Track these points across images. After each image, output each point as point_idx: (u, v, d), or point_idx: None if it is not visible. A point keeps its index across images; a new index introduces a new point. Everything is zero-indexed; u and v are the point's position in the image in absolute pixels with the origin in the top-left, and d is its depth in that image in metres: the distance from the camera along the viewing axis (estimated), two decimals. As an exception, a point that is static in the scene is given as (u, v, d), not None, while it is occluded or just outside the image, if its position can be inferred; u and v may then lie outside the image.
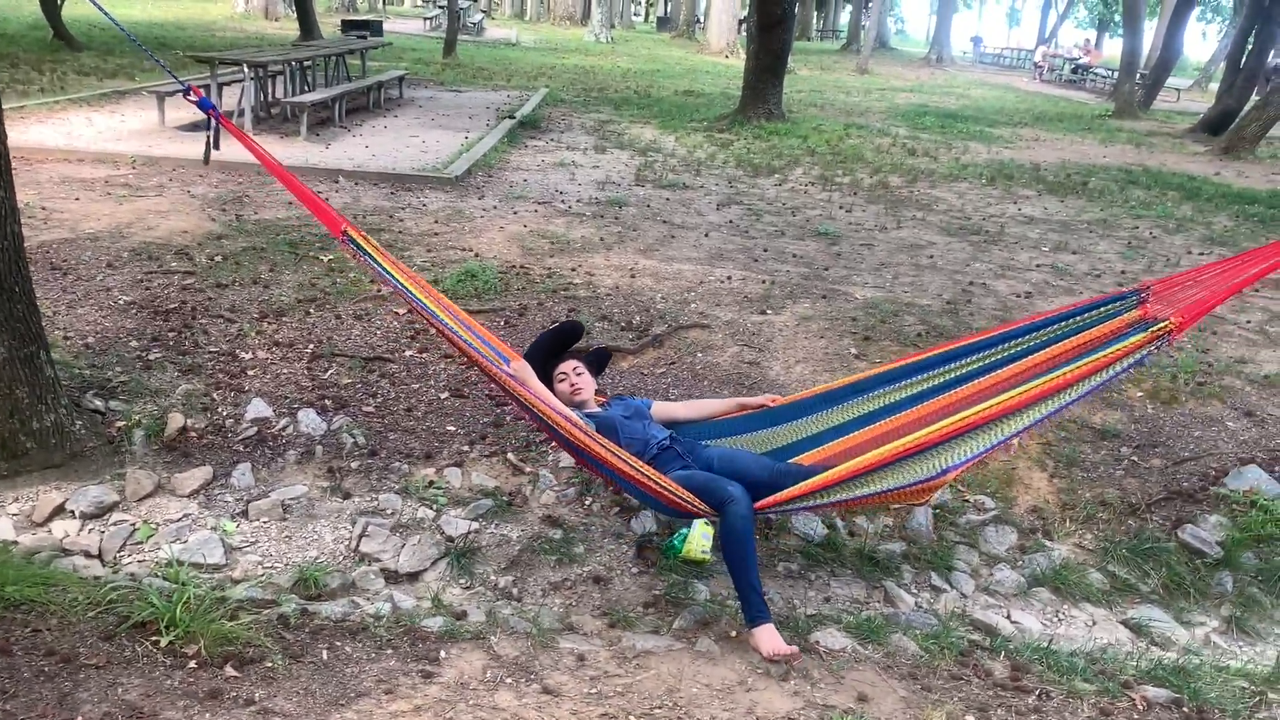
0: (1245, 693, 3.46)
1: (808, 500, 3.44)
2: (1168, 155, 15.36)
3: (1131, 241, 8.97)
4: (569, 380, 4.03)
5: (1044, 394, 3.31)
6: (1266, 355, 6.15)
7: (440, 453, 4.80)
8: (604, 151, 11.60)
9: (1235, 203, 11.23)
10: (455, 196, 8.54)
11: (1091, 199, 10.96)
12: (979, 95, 25.09)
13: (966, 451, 3.32)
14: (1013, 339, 3.67)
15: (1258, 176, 13.70)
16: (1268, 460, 5.01)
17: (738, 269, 7.13)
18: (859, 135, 14.74)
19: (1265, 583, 4.34)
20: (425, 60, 20.82)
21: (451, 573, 4.05)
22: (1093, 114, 21.47)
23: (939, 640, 3.58)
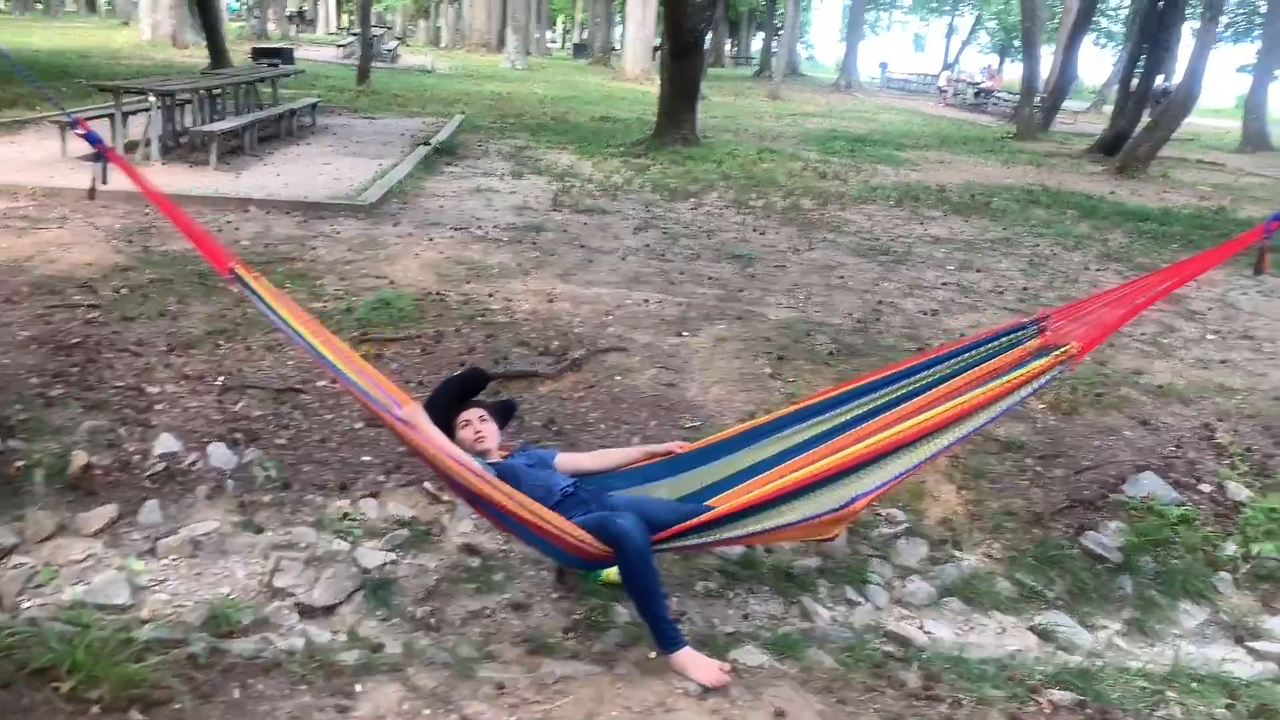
0: (1145, 692, 3.60)
1: (709, 533, 3.38)
2: (1066, 175, 15.93)
3: (1032, 259, 9.28)
4: (473, 427, 3.88)
5: (951, 419, 3.37)
6: (1160, 366, 6.42)
7: (355, 484, 4.74)
8: (521, 177, 11.62)
9: (1130, 220, 11.70)
10: (369, 224, 8.48)
11: (994, 219, 11.32)
12: (887, 119, 25.73)
13: (873, 481, 3.34)
14: (917, 372, 3.69)
15: (1150, 194, 14.30)
16: (1162, 467, 5.22)
17: (655, 292, 7.21)
18: (772, 159, 15.00)
19: (1163, 585, 4.51)
20: (339, 88, 20.63)
21: (368, 605, 4.00)
22: (995, 136, 22.17)
23: (854, 653, 3.66)
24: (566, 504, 3.64)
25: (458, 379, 4.13)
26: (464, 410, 3.95)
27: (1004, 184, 14.22)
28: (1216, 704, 3.55)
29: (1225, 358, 6.69)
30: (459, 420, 3.91)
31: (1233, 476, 5.14)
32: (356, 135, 13.95)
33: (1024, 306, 7.53)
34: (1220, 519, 4.89)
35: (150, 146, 10.43)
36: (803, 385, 5.76)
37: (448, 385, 4.08)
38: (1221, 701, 3.58)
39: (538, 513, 3.37)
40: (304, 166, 11.01)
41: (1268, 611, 4.44)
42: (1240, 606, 4.46)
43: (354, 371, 3.83)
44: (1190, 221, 11.87)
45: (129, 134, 10.74)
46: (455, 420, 3.91)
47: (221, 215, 8.32)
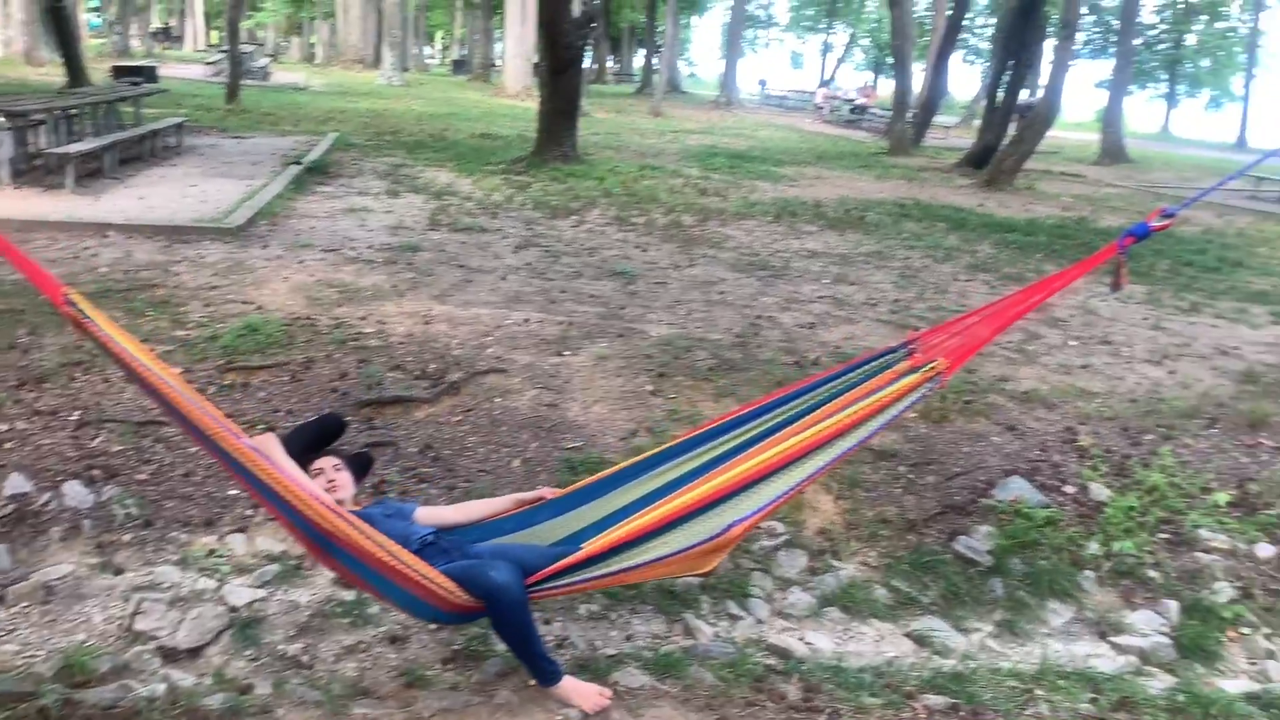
0: (1016, 691, 3.70)
1: (584, 570, 3.23)
2: (937, 189, 16.48)
3: (904, 271, 9.55)
4: (326, 475, 3.53)
5: (825, 439, 3.34)
6: (1026, 373, 6.66)
7: (222, 519, 4.56)
8: (397, 196, 11.42)
9: (997, 231, 12.15)
10: (236, 247, 8.20)
11: (868, 232, 11.62)
12: (766, 136, 26.23)
13: (751, 505, 3.28)
14: (790, 400, 3.66)
15: (1016, 206, 14.89)
16: (1029, 470, 5.41)
17: (535, 311, 7.15)
18: (653, 176, 15.10)
19: (1031, 586, 4.67)
20: (207, 107, 19.98)
21: (236, 645, 3.85)
22: (869, 152, 22.80)
23: (735, 668, 3.66)
24: (426, 553, 3.32)
25: (314, 424, 3.83)
26: (317, 458, 3.60)
27: (878, 198, 14.62)
28: (1081, 699, 3.67)
29: (1086, 363, 6.98)
30: (311, 469, 3.53)
31: (1094, 477, 5.36)
32: (225, 155, 13.52)
33: (896, 318, 7.73)
34: (1083, 519, 5.09)
35: (2, 169, 9.90)
36: (683, 401, 5.79)
37: (302, 430, 3.76)
38: (1086, 696, 3.71)
39: (396, 554, 3.07)
40: (168, 189, 10.59)
41: (1128, 607, 4.63)
42: (1103, 603, 4.65)
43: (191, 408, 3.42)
44: (1054, 232, 12.39)
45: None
46: (307, 469, 3.52)
47: (78, 241, 7.94)
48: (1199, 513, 5.19)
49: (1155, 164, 25.24)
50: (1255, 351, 7.57)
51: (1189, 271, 10.54)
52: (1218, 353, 7.48)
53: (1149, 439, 5.81)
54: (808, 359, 6.52)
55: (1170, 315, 8.54)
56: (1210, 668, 4.33)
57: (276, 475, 3.08)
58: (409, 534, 3.42)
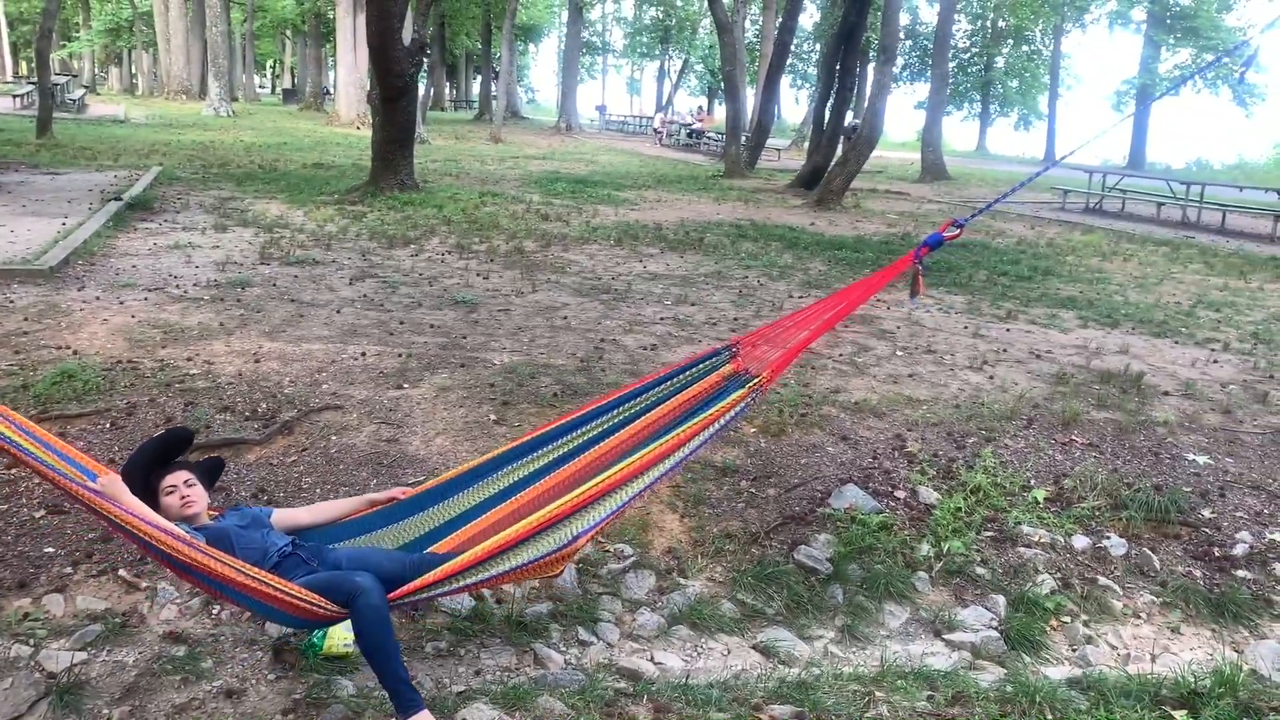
0: (857, 695, 3.82)
1: (443, 586, 3.35)
2: (772, 210, 16.98)
3: (742, 290, 9.79)
4: (179, 492, 3.62)
5: (661, 455, 3.51)
6: (857, 383, 6.91)
7: (37, 579, 4.27)
8: (225, 230, 11.01)
9: (828, 249, 12.60)
10: (50, 289, 7.74)
11: (707, 253, 11.87)
12: (606, 161, 26.49)
13: (594, 517, 3.41)
14: (624, 403, 3.83)
15: (845, 224, 15.48)
16: (862, 478, 5.61)
17: (373, 344, 7.00)
18: (495, 202, 15.05)
19: (869, 590, 4.83)
20: (15, 141, 18.85)
21: (54, 714, 3.60)
22: (707, 175, 23.32)
23: (585, 695, 3.66)
24: (286, 564, 3.49)
25: (157, 440, 3.83)
26: (168, 474, 3.66)
27: (716, 220, 14.96)
28: (918, 698, 3.81)
29: (913, 372, 7.30)
30: (163, 486, 3.63)
31: (923, 481, 5.60)
32: (36, 192, 12.76)
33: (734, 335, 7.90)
34: (915, 522, 5.30)
35: None
36: (528, 429, 5.75)
37: (146, 448, 3.77)
38: (923, 694, 3.86)
39: (257, 576, 3.17)
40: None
41: (960, 604, 4.85)
42: (936, 602, 4.85)
43: (35, 445, 3.43)
44: (880, 248, 12.93)
45: None
46: (159, 486, 3.62)
47: None
48: (1020, 510, 5.49)
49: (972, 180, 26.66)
50: (1066, 354, 8.08)
51: (1004, 280, 11.16)
52: (1032, 357, 7.94)
53: (972, 441, 6.11)
54: (650, 380, 6.60)
55: (988, 323, 9.02)
56: (1036, 657, 4.56)
57: (126, 517, 3.15)
58: (267, 546, 3.54)
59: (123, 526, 3.22)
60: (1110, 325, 9.24)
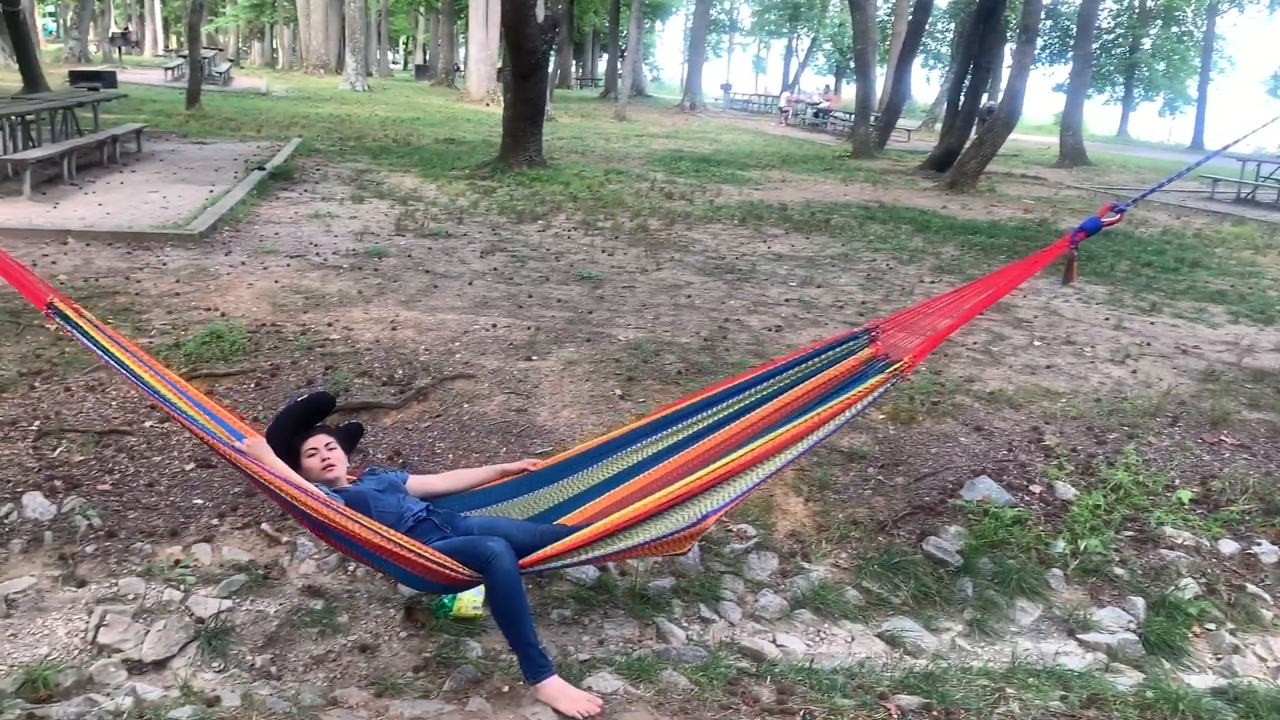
0: (987, 690, 3.72)
1: (572, 556, 3.40)
2: (901, 192, 16.60)
3: (870, 273, 9.60)
4: (319, 455, 3.78)
5: (794, 438, 3.46)
6: (992, 373, 6.71)
7: (187, 529, 4.50)
8: (362, 201, 11.34)
9: (960, 233, 12.25)
10: (199, 254, 8.11)
11: (834, 235, 11.68)
12: (730, 140, 26.31)
13: (724, 497, 3.39)
14: (758, 384, 3.78)
15: (979, 208, 15.02)
16: (996, 471, 5.45)
17: (503, 316, 7.12)
18: (619, 180, 15.11)
19: (1000, 585, 4.70)
20: (167, 112, 19.75)
21: (203, 656, 3.79)
22: (833, 155, 22.93)
23: (708, 672, 3.66)
24: (420, 529, 3.58)
25: (300, 404, 3.99)
26: (310, 437, 3.82)
27: (842, 201, 14.70)
28: (1051, 697, 3.70)
29: (1050, 363, 7.05)
30: (305, 448, 3.79)
31: (1060, 477, 5.41)
32: (186, 161, 13.36)
33: (863, 319, 7.76)
34: (1050, 518, 5.13)
35: (-45, 175, 9.73)
36: (652, 405, 5.77)
37: (290, 411, 3.94)
38: (1056, 694, 3.74)
39: (392, 538, 3.27)
40: (128, 195, 10.45)
41: (1095, 604, 4.67)
42: (1070, 601, 4.68)
43: (189, 405, 3.64)
44: (1016, 234, 12.52)
45: (-70, 162, 9.99)
46: (301, 448, 3.78)
47: (36, 249, 7.81)
48: (1163, 510, 5.25)
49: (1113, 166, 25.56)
50: (1214, 350, 7.68)
51: (1148, 272, 10.68)
52: (1178, 352, 7.58)
53: (1113, 438, 5.88)
54: (776, 362, 6.54)
55: (1131, 315, 8.64)
56: (1177, 664, 4.37)
57: (269, 477, 3.30)
58: (403, 510, 3.64)
59: (266, 485, 3.38)
60: (1264, 322, 8.74)
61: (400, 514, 3.62)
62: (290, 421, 3.86)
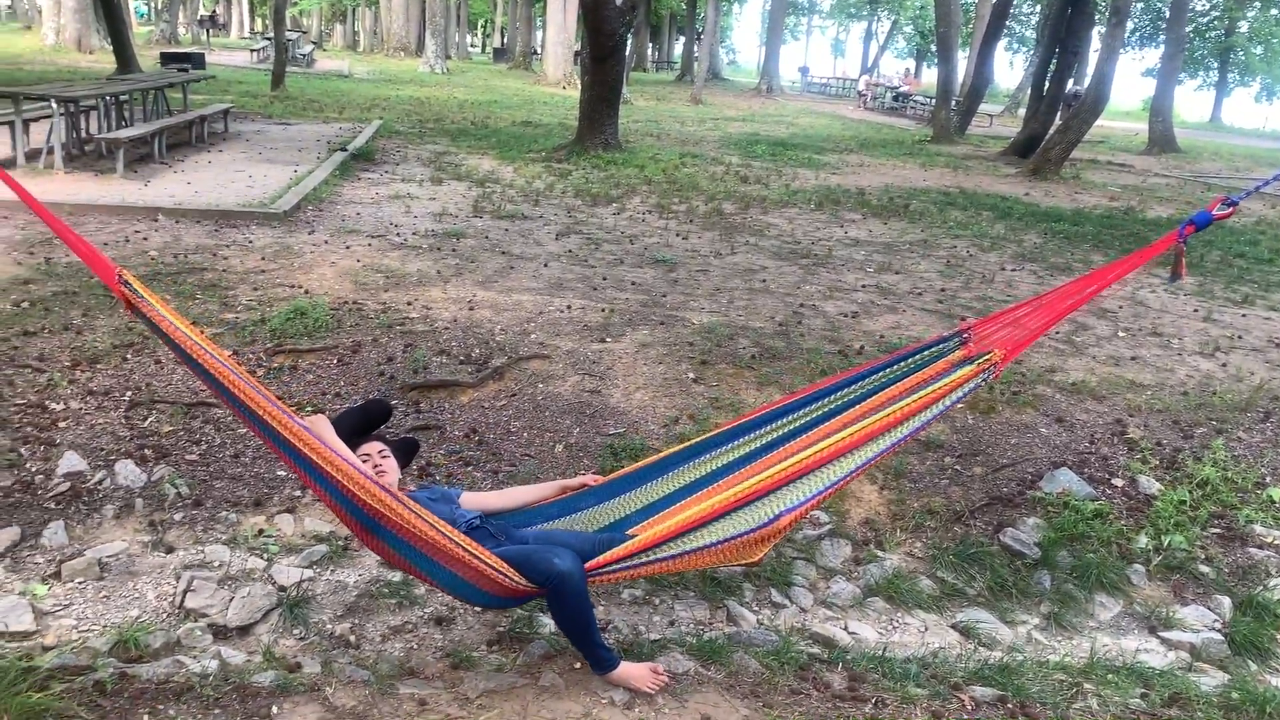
0: (1064, 685, 3.66)
1: (638, 560, 3.22)
2: (982, 178, 16.28)
3: (950, 260, 9.44)
4: (373, 461, 3.54)
5: (877, 432, 3.29)
6: (1073, 364, 6.57)
7: (271, 499, 4.62)
8: (440, 183, 11.48)
9: (1043, 221, 11.98)
10: (283, 232, 8.29)
11: (913, 221, 11.50)
12: (807, 123, 26.04)
13: (799, 496, 3.24)
14: (841, 389, 3.60)
15: (1062, 196, 14.67)
16: (1077, 463, 5.33)
17: (577, 298, 7.16)
18: (694, 164, 15.06)
19: (1079, 579, 4.60)
20: (252, 93, 20.20)
21: (284, 624, 3.89)
22: (913, 139, 22.58)
23: (779, 656, 3.65)
24: (473, 536, 3.28)
25: (359, 409, 3.81)
26: (364, 443, 3.62)
27: (922, 186, 14.47)
28: (1131, 694, 3.62)
29: (1135, 354, 6.87)
30: (359, 453, 3.53)
31: (1144, 470, 5.28)
32: (271, 141, 13.66)
33: (942, 307, 7.65)
34: (1133, 512, 5.01)
35: (53, 154, 10.07)
36: (725, 390, 5.77)
37: (349, 414, 3.75)
38: (1136, 692, 3.66)
39: (448, 534, 3.03)
40: (216, 174, 10.73)
41: (1179, 601, 4.55)
42: (1153, 597, 4.57)
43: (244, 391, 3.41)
44: (1101, 222, 12.20)
45: (30, 142, 10.36)
46: (355, 451, 3.51)
47: (129, 225, 8.06)
48: (1253, 508, 5.09)
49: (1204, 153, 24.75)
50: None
51: (1241, 263, 10.33)
52: (1272, 345, 7.33)
53: (1200, 432, 5.71)
54: (851, 348, 6.48)
55: (1222, 307, 8.37)
56: (1264, 665, 4.24)
57: (327, 454, 3.00)
58: (455, 518, 3.43)
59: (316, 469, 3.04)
60: (1364, 316, 8.41)
61: (453, 520, 3.34)
62: (348, 423, 3.62)
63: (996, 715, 3.38)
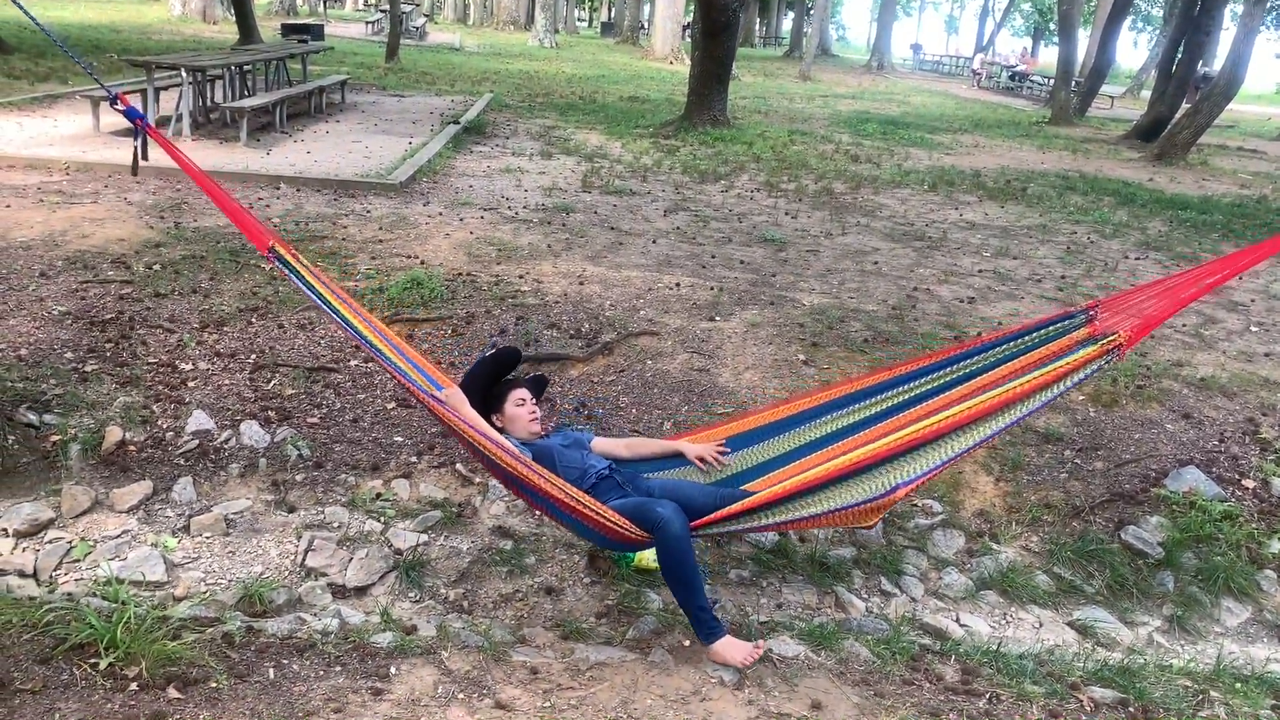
0: (1188, 691, 3.54)
1: (749, 519, 3.34)
2: (1103, 161, 15.68)
3: (1070, 246, 9.13)
4: (527, 405, 3.85)
5: (995, 408, 3.29)
6: (1202, 358, 6.30)
7: (387, 464, 4.73)
8: (550, 157, 11.56)
9: (1168, 208, 11.49)
10: (399, 203, 8.45)
11: (1030, 205, 11.15)
12: (919, 102, 25.44)
13: (916, 468, 3.26)
14: (963, 360, 3.60)
15: (1189, 182, 14.05)
16: (1205, 461, 5.12)
17: (686, 275, 7.14)
18: (803, 142, 14.85)
19: (1205, 582, 4.43)
20: (367, 65, 20.60)
21: (400, 586, 4.00)
22: (1030, 120, 21.87)
23: (890, 645, 3.61)
24: (601, 486, 3.62)
25: (492, 359, 4.05)
26: (514, 389, 3.89)
27: (1040, 169, 14.02)
28: (1262, 705, 3.48)
29: (1269, 351, 6.55)
30: (513, 397, 3.86)
31: (1278, 473, 5.04)
32: (385, 113, 13.92)
33: (1062, 295, 7.41)
34: (1265, 516, 4.79)
35: (181, 122, 10.43)
36: (837, 373, 5.69)
37: (483, 365, 4.03)
38: (1267, 703, 3.51)
39: (573, 495, 3.33)
40: (333, 144, 10.99)
41: (1313, 611, 4.35)
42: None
43: (392, 351, 3.82)
44: (1231, 211, 11.65)
45: (160, 109, 10.75)
46: (508, 396, 3.86)
47: (252, 192, 8.31)
48: (1395, 517, 4.83)
49: (1345, 140, 23.40)
50: None
51: (1386, 257, 9.75)
52: None
53: (1340, 435, 5.43)
54: (967, 334, 6.32)
55: (1364, 304, 7.93)
56: (1406, 683, 4.03)
57: (464, 428, 3.42)
58: (586, 467, 3.69)
59: (461, 434, 3.49)
60: None
61: (584, 470, 3.67)
62: (484, 373, 3.95)
63: (1117, 718, 3.28)
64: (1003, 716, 3.20)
